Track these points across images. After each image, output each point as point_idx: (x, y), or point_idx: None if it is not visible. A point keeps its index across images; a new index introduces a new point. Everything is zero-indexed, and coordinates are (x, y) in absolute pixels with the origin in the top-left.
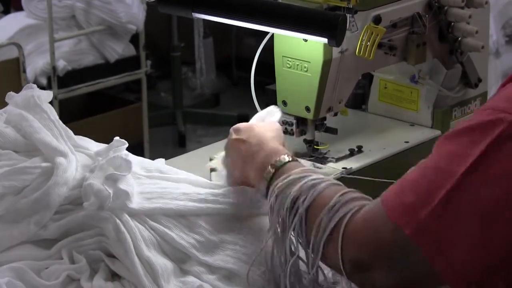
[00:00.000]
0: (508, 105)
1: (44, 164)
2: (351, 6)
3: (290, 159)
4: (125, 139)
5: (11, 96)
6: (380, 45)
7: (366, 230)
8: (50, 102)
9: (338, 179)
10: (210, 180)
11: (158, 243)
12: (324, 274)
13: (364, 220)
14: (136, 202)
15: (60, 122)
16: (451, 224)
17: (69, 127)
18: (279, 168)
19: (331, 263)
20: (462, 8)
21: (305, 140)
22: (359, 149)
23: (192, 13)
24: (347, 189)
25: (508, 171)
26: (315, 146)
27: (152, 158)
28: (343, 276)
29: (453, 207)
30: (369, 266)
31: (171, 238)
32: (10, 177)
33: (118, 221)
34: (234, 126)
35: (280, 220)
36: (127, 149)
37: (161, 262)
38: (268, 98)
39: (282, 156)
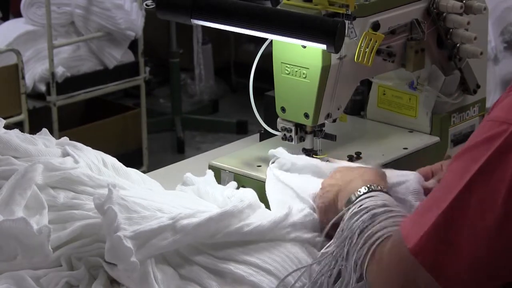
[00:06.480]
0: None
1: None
2: (350, 13)
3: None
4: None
5: None
6: (378, 52)
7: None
8: (49, 109)
9: None
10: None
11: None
12: None
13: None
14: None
15: None
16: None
17: (68, 134)
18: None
19: None
20: (461, 14)
21: (304, 149)
22: (358, 156)
23: (191, 20)
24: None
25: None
26: (314, 156)
27: (151, 164)
28: None
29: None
30: None
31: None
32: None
33: None
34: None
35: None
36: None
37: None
38: (266, 105)
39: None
